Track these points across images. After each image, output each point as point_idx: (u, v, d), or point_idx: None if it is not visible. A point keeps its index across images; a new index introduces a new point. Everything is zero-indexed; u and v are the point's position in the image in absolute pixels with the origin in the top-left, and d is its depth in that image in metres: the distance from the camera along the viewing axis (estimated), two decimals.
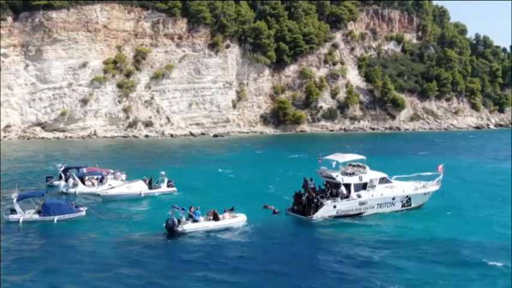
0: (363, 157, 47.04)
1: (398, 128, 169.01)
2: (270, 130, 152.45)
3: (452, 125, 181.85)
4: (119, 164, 64.41)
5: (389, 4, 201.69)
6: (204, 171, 71.79)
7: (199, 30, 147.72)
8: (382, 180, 44.93)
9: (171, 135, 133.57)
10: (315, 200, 42.54)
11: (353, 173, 44.36)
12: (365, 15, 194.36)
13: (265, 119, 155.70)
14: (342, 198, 43.17)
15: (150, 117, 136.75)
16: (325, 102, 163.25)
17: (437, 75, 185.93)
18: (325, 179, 45.26)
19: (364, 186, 43.92)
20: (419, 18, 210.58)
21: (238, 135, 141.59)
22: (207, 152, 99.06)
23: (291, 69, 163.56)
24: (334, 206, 42.86)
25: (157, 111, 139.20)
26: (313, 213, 42.33)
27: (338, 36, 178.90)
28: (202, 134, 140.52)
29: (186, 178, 62.06)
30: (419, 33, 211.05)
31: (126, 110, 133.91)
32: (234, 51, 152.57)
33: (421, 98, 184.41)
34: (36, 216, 41.60)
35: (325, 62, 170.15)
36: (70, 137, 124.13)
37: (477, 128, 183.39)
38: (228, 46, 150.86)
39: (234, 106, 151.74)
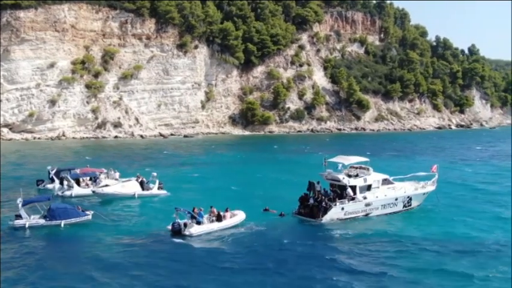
0: (367, 159, 47.80)
1: (364, 129, 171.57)
2: (238, 131, 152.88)
3: (415, 125, 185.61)
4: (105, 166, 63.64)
5: (353, 6, 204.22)
6: (187, 173, 71.57)
7: (168, 31, 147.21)
8: (385, 182, 45.82)
9: (141, 136, 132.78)
10: (323, 203, 43.07)
11: (357, 175, 45.07)
12: (329, 17, 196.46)
13: (233, 120, 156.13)
14: (348, 200, 43.85)
15: (119, 118, 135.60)
16: (293, 103, 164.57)
17: (400, 76, 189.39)
18: (330, 182, 45.74)
19: (368, 187, 44.66)
20: (382, 20, 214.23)
21: (209, 136, 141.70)
22: (184, 153, 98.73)
23: (259, 70, 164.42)
24: (342, 208, 43.46)
25: (126, 112, 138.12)
26: (322, 216, 42.91)
27: (304, 37, 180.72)
28: (172, 134, 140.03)
29: (172, 180, 61.62)
30: (382, 35, 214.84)
31: (94, 111, 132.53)
32: (202, 52, 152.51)
33: (385, 99, 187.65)
34: (43, 221, 40.78)
35: (292, 63, 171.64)
36: (38, 138, 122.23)
37: (439, 128, 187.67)
38: (196, 47, 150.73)
39: (203, 107, 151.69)
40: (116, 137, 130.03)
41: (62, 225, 40.75)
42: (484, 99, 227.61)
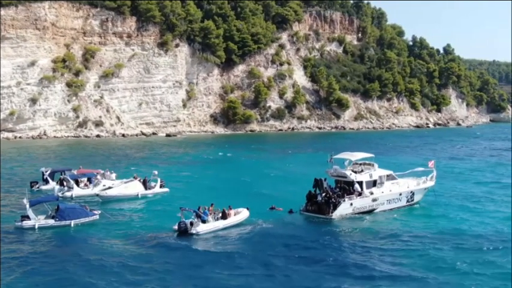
0: (372, 155, 48.34)
1: (344, 128, 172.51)
2: (220, 130, 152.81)
3: (394, 124, 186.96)
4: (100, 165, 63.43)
5: (331, 6, 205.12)
6: (179, 171, 71.50)
7: (149, 29, 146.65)
8: (389, 177, 46.41)
9: (123, 135, 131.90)
10: (333, 199, 43.39)
11: (362, 171, 45.51)
12: (308, 16, 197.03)
13: (215, 119, 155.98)
14: (356, 196, 44.25)
15: (100, 116, 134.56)
16: (274, 102, 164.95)
17: (378, 75, 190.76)
18: (335, 178, 46.09)
19: (374, 183, 45.23)
20: (360, 20, 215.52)
21: (191, 135, 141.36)
22: (171, 152, 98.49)
23: (240, 69, 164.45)
24: (351, 204, 43.96)
25: (107, 111, 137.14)
26: (331, 212, 43.22)
27: (284, 37, 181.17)
28: (154, 133, 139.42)
29: (165, 180, 61.16)
30: (360, 34, 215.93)
31: (75, 110, 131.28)
32: (183, 51, 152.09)
33: (364, 98, 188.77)
34: (52, 222, 40.35)
35: (273, 62, 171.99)
36: (19, 137, 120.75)
37: (417, 127, 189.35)
38: (177, 45, 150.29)
39: (184, 105, 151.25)
40: (97, 136, 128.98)
41: (72, 225, 40.54)
42: (460, 98, 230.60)
